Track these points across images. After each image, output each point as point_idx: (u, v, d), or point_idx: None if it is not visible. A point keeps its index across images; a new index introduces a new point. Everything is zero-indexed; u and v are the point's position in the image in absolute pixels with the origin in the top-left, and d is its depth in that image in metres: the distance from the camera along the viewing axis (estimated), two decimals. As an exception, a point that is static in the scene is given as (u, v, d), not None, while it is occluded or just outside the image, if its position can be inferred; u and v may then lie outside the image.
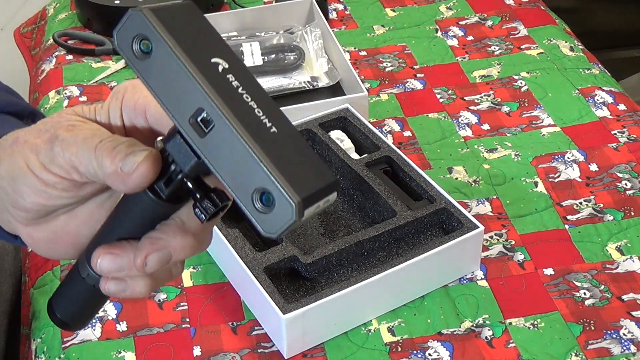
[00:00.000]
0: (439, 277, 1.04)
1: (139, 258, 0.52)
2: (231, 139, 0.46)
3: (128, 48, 0.48)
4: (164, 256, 0.52)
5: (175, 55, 0.47)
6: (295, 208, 0.46)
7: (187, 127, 0.48)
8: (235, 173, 0.47)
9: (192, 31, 0.49)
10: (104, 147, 0.50)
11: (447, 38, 1.50)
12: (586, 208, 1.14)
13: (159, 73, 0.48)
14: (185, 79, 0.47)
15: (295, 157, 0.48)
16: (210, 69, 0.48)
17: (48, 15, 1.69)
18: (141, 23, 0.47)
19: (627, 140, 1.25)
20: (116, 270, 0.53)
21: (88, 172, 0.51)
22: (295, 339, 0.95)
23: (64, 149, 0.51)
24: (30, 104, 1.50)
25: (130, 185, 0.50)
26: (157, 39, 0.47)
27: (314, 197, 0.47)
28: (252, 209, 0.47)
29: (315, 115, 1.20)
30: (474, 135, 1.28)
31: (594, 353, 0.96)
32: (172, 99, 0.48)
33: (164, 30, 0.47)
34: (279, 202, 0.46)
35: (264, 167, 0.46)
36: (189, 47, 0.47)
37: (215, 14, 1.51)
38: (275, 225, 0.46)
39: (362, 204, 1.11)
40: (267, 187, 0.46)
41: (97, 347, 0.99)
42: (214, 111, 0.47)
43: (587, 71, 1.40)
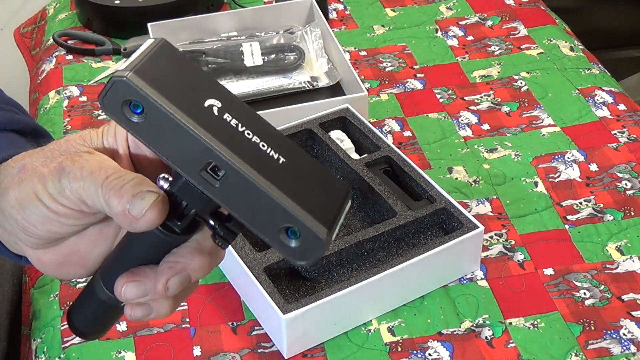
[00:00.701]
0: (439, 277, 1.04)
1: (160, 283, 0.53)
2: (245, 184, 0.47)
3: (118, 113, 0.47)
4: (184, 278, 0.53)
5: (170, 114, 0.46)
6: (325, 240, 0.47)
7: (199, 179, 0.48)
8: (256, 214, 0.48)
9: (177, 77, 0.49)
10: (110, 186, 0.50)
11: (447, 38, 1.50)
12: (586, 208, 1.14)
13: (157, 132, 0.47)
14: (185, 136, 0.47)
15: (309, 183, 0.49)
16: (206, 116, 0.47)
17: (48, 15, 1.69)
18: (127, 89, 0.46)
19: (627, 140, 1.25)
20: (140, 296, 0.54)
21: (95, 206, 0.51)
22: (295, 339, 0.95)
23: (71, 182, 0.51)
24: (30, 104, 1.50)
25: (139, 228, 0.50)
26: (148, 102, 0.46)
27: (336, 218, 0.49)
28: (280, 245, 0.48)
29: (315, 115, 1.20)
30: (474, 135, 1.28)
31: (594, 353, 0.96)
32: (177, 156, 0.48)
33: (152, 91, 0.46)
34: (306, 236, 0.47)
35: (284, 207, 0.47)
36: (180, 100, 0.47)
37: (215, 14, 1.51)
38: (306, 256, 0.48)
39: (362, 204, 1.11)
40: (292, 224, 0.47)
41: (97, 347, 0.99)
42: (222, 162, 0.47)
43: (587, 71, 1.40)
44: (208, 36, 1.47)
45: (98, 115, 1.36)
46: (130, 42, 1.48)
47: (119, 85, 0.46)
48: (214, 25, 1.48)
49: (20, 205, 0.53)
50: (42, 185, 0.52)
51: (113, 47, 1.50)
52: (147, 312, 0.55)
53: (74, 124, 1.34)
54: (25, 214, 0.53)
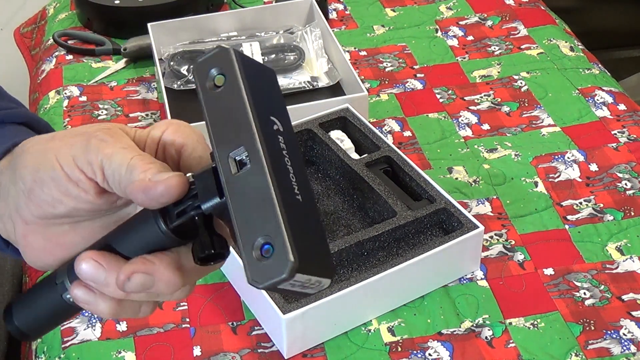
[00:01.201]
0: (439, 277, 1.04)
1: (125, 273, 0.52)
2: (259, 185, 0.48)
3: (203, 77, 0.51)
4: (148, 281, 0.52)
5: (242, 98, 0.49)
6: (290, 266, 0.46)
7: (225, 160, 0.49)
8: (249, 216, 0.48)
9: (263, 88, 0.52)
10: (139, 158, 0.51)
11: (447, 38, 1.50)
12: (586, 208, 1.14)
13: (220, 107, 0.50)
14: (241, 119, 0.49)
15: (309, 230, 0.49)
16: (266, 123, 0.50)
17: (48, 15, 1.69)
18: (225, 59, 0.50)
19: (627, 140, 1.25)
20: (94, 279, 0.53)
21: (113, 176, 0.51)
22: (295, 339, 0.96)
23: (100, 147, 0.51)
24: (30, 104, 1.50)
25: (152, 195, 0.50)
26: (233, 77, 0.50)
27: (310, 269, 0.47)
28: (249, 253, 0.47)
29: (315, 115, 1.20)
30: (474, 135, 1.28)
31: (594, 353, 0.96)
32: (222, 132, 0.50)
33: (242, 72, 0.50)
34: (277, 256, 0.46)
35: (278, 220, 0.47)
36: (255, 98, 0.50)
37: (215, 14, 1.51)
38: (263, 276, 0.46)
39: (362, 204, 1.11)
40: (273, 238, 0.47)
41: (97, 347, 0.99)
42: (254, 154, 0.48)
43: (587, 71, 1.40)
44: (208, 36, 1.47)
45: (98, 116, 1.36)
46: (130, 42, 1.48)
47: (222, 52, 0.50)
48: (214, 25, 1.48)
49: (36, 166, 0.53)
50: (67, 149, 0.52)
51: (113, 47, 1.50)
52: (88, 300, 0.54)
53: (73, 124, 1.34)
54: (39, 174, 0.53)
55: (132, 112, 1.36)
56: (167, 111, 1.25)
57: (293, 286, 0.47)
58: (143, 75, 1.45)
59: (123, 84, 1.43)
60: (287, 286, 0.47)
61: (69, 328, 1.01)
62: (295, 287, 0.48)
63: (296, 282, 0.47)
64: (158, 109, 1.37)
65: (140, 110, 1.37)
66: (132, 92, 1.41)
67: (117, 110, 1.37)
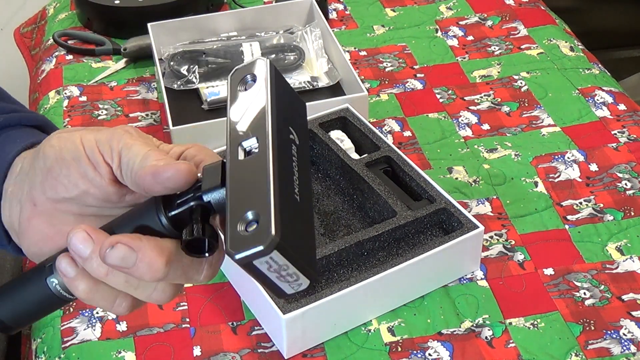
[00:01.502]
0: (439, 277, 1.04)
1: (110, 241, 0.52)
2: (260, 169, 0.48)
3: (236, 81, 0.53)
4: (130, 256, 0.51)
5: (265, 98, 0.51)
6: (270, 239, 0.45)
7: (235, 147, 0.50)
8: (243, 193, 0.48)
9: (290, 106, 0.54)
10: (155, 151, 0.53)
11: (447, 38, 1.50)
12: (586, 208, 1.14)
13: (243, 105, 0.52)
14: (259, 114, 0.51)
15: (300, 226, 0.49)
16: (283, 128, 0.51)
17: (48, 15, 1.69)
18: (259, 67, 0.53)
19: (627, 140, 1.25)
20: (79, 250, 0.53)
21: (127, 165, 0.53)
22: (295, 339, 0.96)
23: (123, 137, 0.54)
24: (30, 104, 1.50)
25: (160, 178, 0.51)
26: (261, 81, 0.52)
27: (290, 255, 0.46)
28: (234, 225, 0.47)
29: (315, 115, 1.20)
30: (474, 135, 1.28)
31: (594, 353, 0.96)
32: (238, 123, 0.51)
33: (272, 80, 0.52)
34: (260, 228, 0.46)
35: (269, 196, 0.47)
36: (279, 105, 0.52)
37: (215, 14, 1.51)
38: (242, 246, 0.46)
39: (362, 204, 1.11)
40: (260, 213, 0.46)
41: (97, 347, 0.99)
42: (263, 143, 0.49)
43: (587, 71, 1.40)
44: (208, 36, 1.47)
45: (98, 116, 1.36)
46: (130, 42, 1.48)
47: (259, 62, 0.53)
48: (214, 25, 1.48)
49: (61, 147, 0.55)
50: (93, 134, 0.55)
51: (113, 47, 1.50)
52: (69, 272, 0.54)
53: (73, 124, 1.34)
54: (61, 154, 0.55)
55: (132, 112, 1.36)
56: (167, 111, 1.25)
57: (269, 268, 0.46)
58: (143, 75, 1.45)
59: (123, 84, 1.43)
60: (264, 266, 0.46)
61: (68, 328, 1.01)
62: (271, 271, 0.47)
63: (273, 262, 0.46)
64: (158, 109, 1.37)
65: (140, 110, 1.37)
66: (132, 92, 1.41)
67: (117, 110, 1.37)
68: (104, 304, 0.55)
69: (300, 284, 0.48)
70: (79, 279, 0.54)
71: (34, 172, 0.56)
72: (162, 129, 1.32)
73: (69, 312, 1.03)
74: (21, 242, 0.59)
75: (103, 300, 0.55)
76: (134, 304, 0.56)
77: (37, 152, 0.57)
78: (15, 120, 0.65)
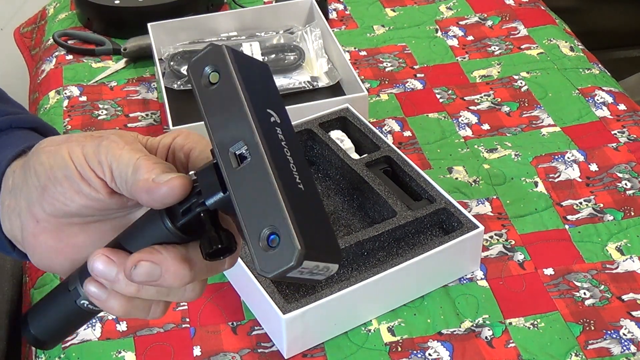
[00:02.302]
0: (439, 277, 1.04)
1: (132, 260, 0.52)
2: (261, 177, 0.48)
3: (198, 75, 0.52)
4: (154, 271, 0.52)
5: (237, 90, 0.50)
6: (297, 254, 0.46)
7: (225, 155, 0.50)
8: (253, 208, 0.48)
9: (258, 82, 0.53)
10: (145, 159, 0.52)
11: (447, 38, 1.50)
12: (586, 208, 1.14)
13: (216, 103, 0.51)
14: (238, 113, 0.50)
15: (313, 219, 0.50)
16: (263, 116, 0.51)
17: (48, 15, 1.69)
18: (218, 56, 0.51)
19: (627, 140, 1.25)
20: (105, 274, 0.54)
21: (120, 177, 0.52)
22: (295, 339, 0.96)
23: (110, 148, 0.53)
24: (30, 104, 1.50)
25: (155, 196, 0.51)
26: (227, 73, 0.51)
27: (317, 256, 0.48)
28: (256, 244, 0.48)
29: (315, 115, 1.20)
30: (474, 135, 1.28)
31: (594, 353, 0.96)
32: (221, 127, 0.51)
33: (235, 68, 0.50)
34: (284, 245, 0.47)
35: (282, 210, 0.47)
36: (250, 91, 0.51)
37: (215, 14, 1.51)
38: (272, 266, 0.47)
39: (362, 204, 1.11)
40: (279, 227, 0.47)
41: (97, 347, 0.99)
42: (254, 148, 0.49)
43: (587, 71, 1.40)
44: (208, 36, 1.47)
45: (98, 116, 1.36)
46: (130, 42, 1.48)
47: (215, 50, 0.51)
48: (214, 25, 1.48)
49: (50, 164, 0.55)
50: (79, 148, 0.54)
51: (113, 47, 1.50)
52: (99, 295, 0.55)
53: (74, 124, 1.34)
54: (53, 171, 0.54)
55: (132, 112, 1.36)
56: (167, 111, 1.25)
57: (302, 274, 0.48)
58: (143, 75, 1.45)
59: (123, 84, 1.43)
60: (296, 274, 0.48)
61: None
62: (304, 275, 0.48)
63: (304, 269, 0.47)
64: (158, 109, 1.37)
65: (140, 110, 1.37)
66: (132, 92, 1.41)
67: (117, 110, 1.37)
68: (140, 314, 0.56)
69: (331, 270, 0.50)
70: (112, 299, 0.55)
71: (28, 189, 0.56)
72: (162, 129, 1.32)
73: (69, 312, 1.03)
74: (30, 256, 0.59)
75: (139, 312, 0.56)
76: (167, 305, 0.57)
77: (28, 166, 0.56)
78: (5, 124, 0.64)
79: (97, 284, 0.55)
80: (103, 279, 0.54)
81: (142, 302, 0.56)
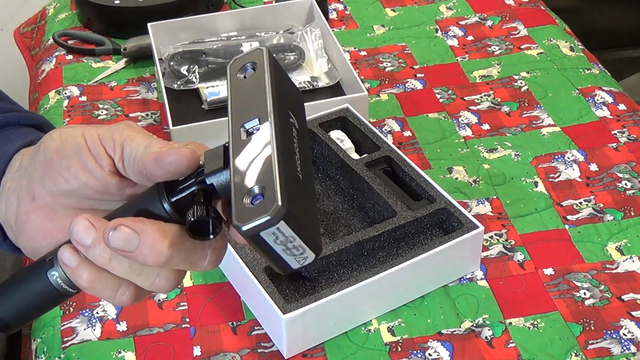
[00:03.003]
0: (439, 277, 1.04)
1: (113, 223, 0.52)
2: (263, 145, 0.49)
3: (235, 70, 0.54)
4: (132, 239, 0.51)
5: (265, 83, 0.52)
6: (276, 208, 0.46)
7: (237, 129, 0.51)
8: (247, 169, 0.49)
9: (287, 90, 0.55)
10: (158, 140, 0.54)
11: (447, 38, 1.50)
12: (586, 208, 1.14)
13: (244, 91, 0.53)
14: (260, 98, 0.51)
15: (303, 200, 0.50)
16: (283, 112, 0.52)
17: (48, 15, 1.69)
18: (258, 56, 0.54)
19: (627, 140, 1.25)
20: (82, 238, 0.53)
21: (129, 155, 0.54)
22: (295, 339, 0.96)
23: (126, 130, 0.55)
24: (30, 104, 1.50)
25: (162, 163, 0.52)
26: (261, 69, 0.53)
27: (296, 226, 0.47)
28: (240, 199, 0.48)
29: (315, 115, 1.20)
30: (474, 135, 1.28)
31: (594, 353, 0.96)
32: (240, 107, 0.52)
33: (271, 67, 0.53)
34: (266, 200, 0.47)
35: (274, 171, 0.47)
36: (277, 89, 0.52)
37: (215, 14, 1.51)
38: (248, 217, 0.46)
39: (362, 204, 1.11)
40: (267, 187, 0.47)
41: (97, 347, 0.99)
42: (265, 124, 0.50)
43: (587, 71, 1.40)
44: (208, 36, 1.47)
45: (98, 115, 1.36)
46: (130, 42, 1.48)
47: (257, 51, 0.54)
48: (214, 25, 1.48)
49: (62, 140, 0.56)
50: (94, 129, 0.56)
51: (113, 47, 1.50)
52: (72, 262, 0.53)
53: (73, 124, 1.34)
54: (62, 146, 0.55)
55: (132, 112, 1.36)
56: (167, 111, 1.25)
57: (275, 240, 0.47)
58: (143, 75, 1.45)
59: (123, 84, 1.43)
60: (270, 238, 0.47)
61: (69, 328, 1.01)
62: (277, 243, 0.47)
63: (280, 233, 0.47)
64: (158, 109, 1.37)
65: (140, 110, 1.37)
66: (132, 92, 1.41)
67: (117, 110, 1.37)
68: (107, 293, 0.55)
69: (306, 257, 0.49)
70: (82, 268, 0.54)
71: (34, 166, 0.57)
72: (162, 129, 1.32)
73: (69, 312, 1.03)
74: (18, 238, 0.59)
75: (106, 289, 0.54)
76: (137, 293, 0.55)
77: (38, 147, 0.57)
78: (14, 119, 0.65)
79: (72, 250, 0.54)
80: (80, 244, 0.53)
81: (112, 278, 0.54)
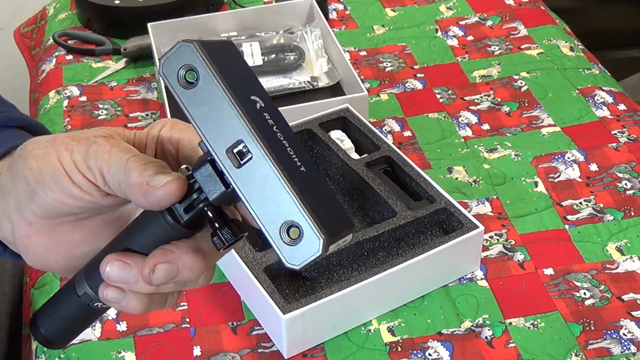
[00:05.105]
0: (439, 277, 1.04)
1: (148, 266, 0.53)
2: (267, 173, 0.49)
3: (173, 76, 0.50)
4: (172, 270, 0.53)
5: (221, 89, 0.49)
6: (322, 243, 0.48)
7: (224, 156, 0.50)
8: (266, 205, 0.49)
9: (233, 68, 0.51)
10: (135, 160, 0.52)
11: (447, 38, 1.50)
12: (586, 208, 1.14)
13: (201, 103, 0.50)
14: (227, 112, 0.49)
15: (322, 199, 0.51)
16: (249, 106, 0.50)
17: (48, 15, 1.69)
18: (191, 54, 0.49)
19: (627, 140, 1.25)
20: (122, 279, 0.54)
21: (112, 181, 0.52)
22: (295, 339, 0.96)
23: (98, 153, 0.52)
24: (30, 104, 1.50)
25: (152, 200, 0.51)
26: (205, 72, 0.49)
27: (337, 236, 0.50)
28: (279, 240, 0.49)
29: (315, 115, 1.20)
30: (474, 135, 1.28)
31: (594, 353, 0.96)
32: (212, 129, 0.50)
33: (212, 63, 0.49)
34: (307, 237, 0.48)
35: (297, 203, 0.48)
36: (231, 83, 0.50)
37: (215, 14, 1.51)
38: (299, 258, 0.49)
39: (362, 204, 1.11)
40: (298, 221, 0.48)
41: (97, 347, 0.99)
42: (253, 145, 0.49)
43: (587, 71, 1.40)
44: (208, 36, 1.47)
45: (98, 116, 1.36)
46: (130, 42, 1.48)
47: (184, 49, 0.49)
48: (214, 25, 1.48)
49: (39, 168, 0.54)
50: (68, 153, 0.53)
51: (113, 47, 1.50)
52: (119, 298, 0.55)
53: (74, 124, 1.34)
54: (42, 176, 0.54)
55: (132, 112, 1.36)
56: (167, 111, 1.25)
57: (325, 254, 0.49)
58: (143, 75, 1.45)
59: (123, 84, 1.43)
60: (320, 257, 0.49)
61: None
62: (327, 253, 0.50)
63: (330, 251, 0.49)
64: (158, 109, 1.37)
65: (140, 110, 1.37)
66: (132, 92, 1.41)
67: (117, 110, 1.37)
68: (159, 307, 0.57)
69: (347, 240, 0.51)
70: (132, 300, 0.55)
71: (18, 192, 0.55)
72: (162, 129, 1.32)
73: (69, 312, 1.03)
74: (25, 257, 0.59)
75: (158, 305, 0.57)
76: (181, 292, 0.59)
77: (16, 171, 0.56)
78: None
79: (115, 289, 0.54)
80: (121, 283, 0.54)
81: (161, 295, 0.56)
